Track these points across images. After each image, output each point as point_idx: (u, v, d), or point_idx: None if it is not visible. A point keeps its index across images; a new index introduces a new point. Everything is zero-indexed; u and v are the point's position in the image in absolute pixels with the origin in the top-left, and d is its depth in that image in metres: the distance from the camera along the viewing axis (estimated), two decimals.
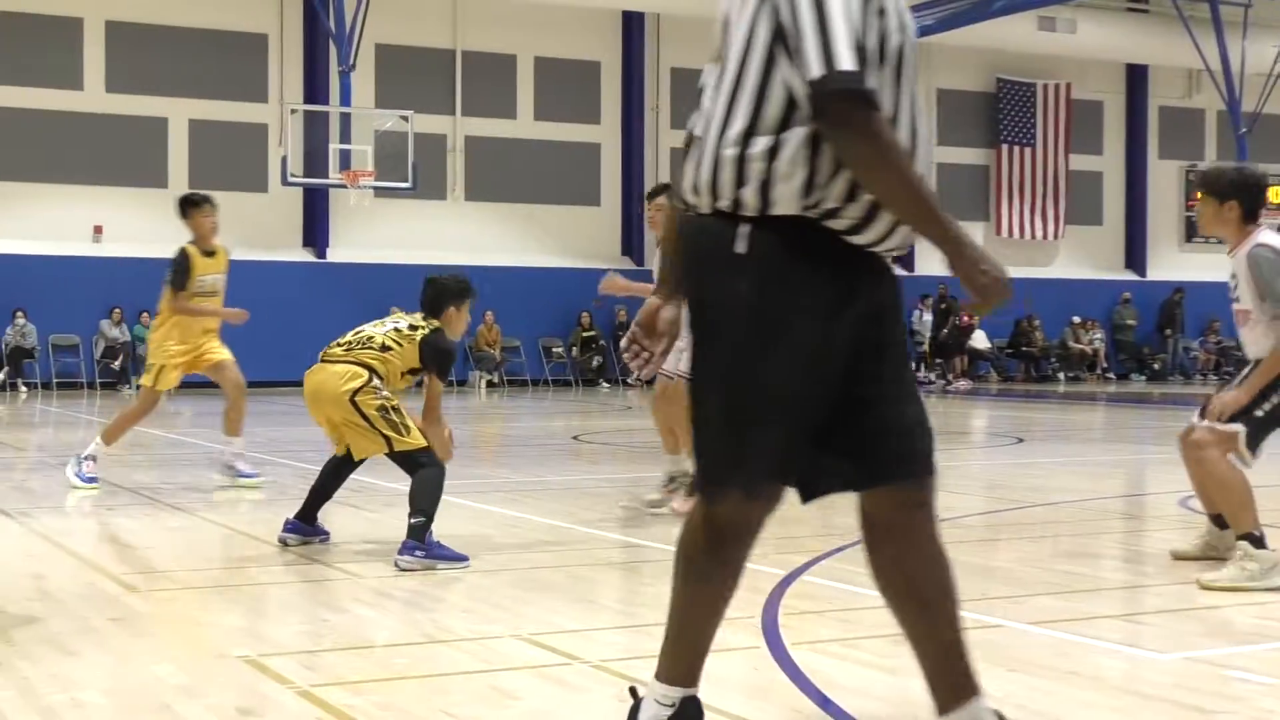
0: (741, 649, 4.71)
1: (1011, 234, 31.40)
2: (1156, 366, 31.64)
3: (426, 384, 6.96)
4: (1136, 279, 32.86)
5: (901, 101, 3.17)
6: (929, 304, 28.75)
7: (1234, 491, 6.11)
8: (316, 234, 26.40)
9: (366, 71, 25.66)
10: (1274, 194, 28.57)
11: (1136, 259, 33.22)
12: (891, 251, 3.25)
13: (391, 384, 6.81)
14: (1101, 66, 32.21)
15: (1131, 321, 31.99)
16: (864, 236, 3.18)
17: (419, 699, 4.26)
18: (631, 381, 25.64)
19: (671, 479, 8.29)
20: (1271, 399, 6.13)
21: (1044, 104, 31.81)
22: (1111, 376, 31.23)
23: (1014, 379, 30.17)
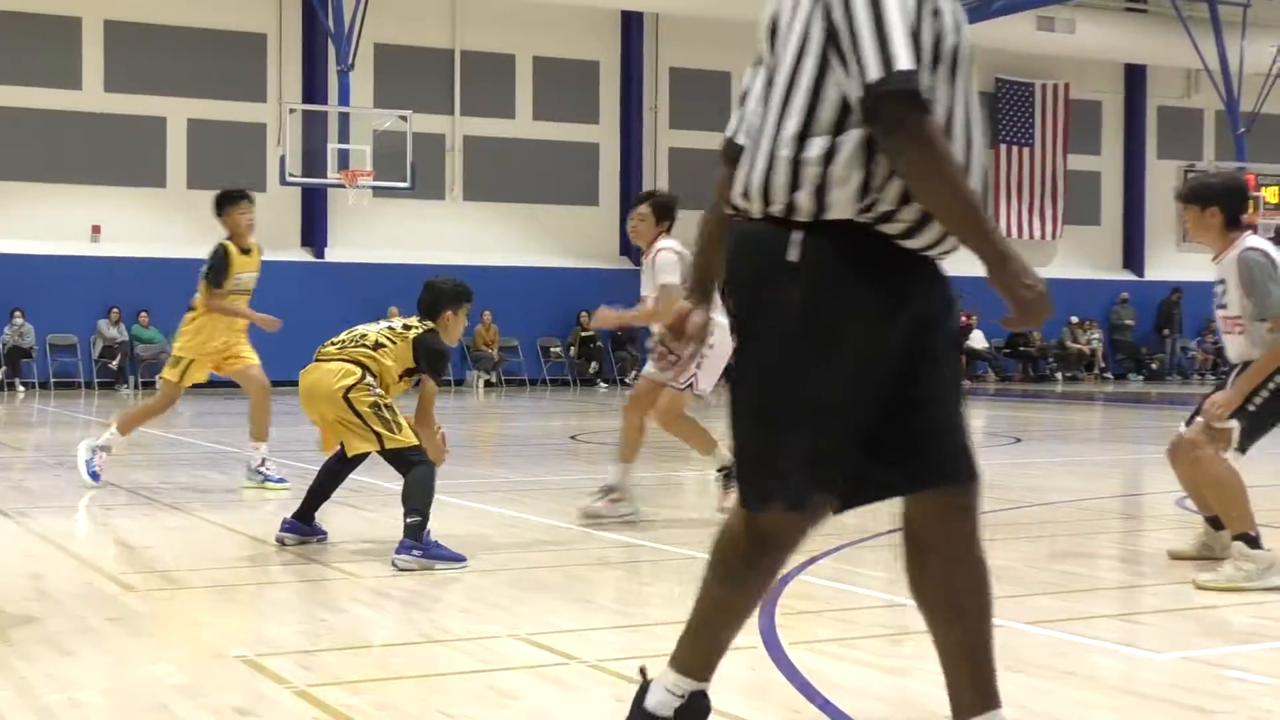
0: (739, 649, 4.65)
1: (1010, 234, 31.37)
2: (1154, 366, 31.68)
3: (420, 386, 6.96)
4: (1134, 279, 32.89)
5: (955, 105, 3.13)
6: None
7: (1229, 491, 6.12)
8: (315, 234, 26.40)
9: (365, 71, 25.66)
10: (1273, 194, 28.64)
11: (1134, 259, 33.24)
12: (944, 255, 3.21)
13: (388, 386, 6.80)
14: (1100, 66, 32.23)
15: (1129, 321, 32.01)
16: (917, 240, 3.14)
17: (416, 699, 4.26)
18: (629, 381, 25.63)
19: (610, 489, 8.03)
20: (1262, 394, 6.16)
21: (1042, 104, 31.82)
22: (1109, 376, 31.26)
23: (1011, 379, 30.19)
